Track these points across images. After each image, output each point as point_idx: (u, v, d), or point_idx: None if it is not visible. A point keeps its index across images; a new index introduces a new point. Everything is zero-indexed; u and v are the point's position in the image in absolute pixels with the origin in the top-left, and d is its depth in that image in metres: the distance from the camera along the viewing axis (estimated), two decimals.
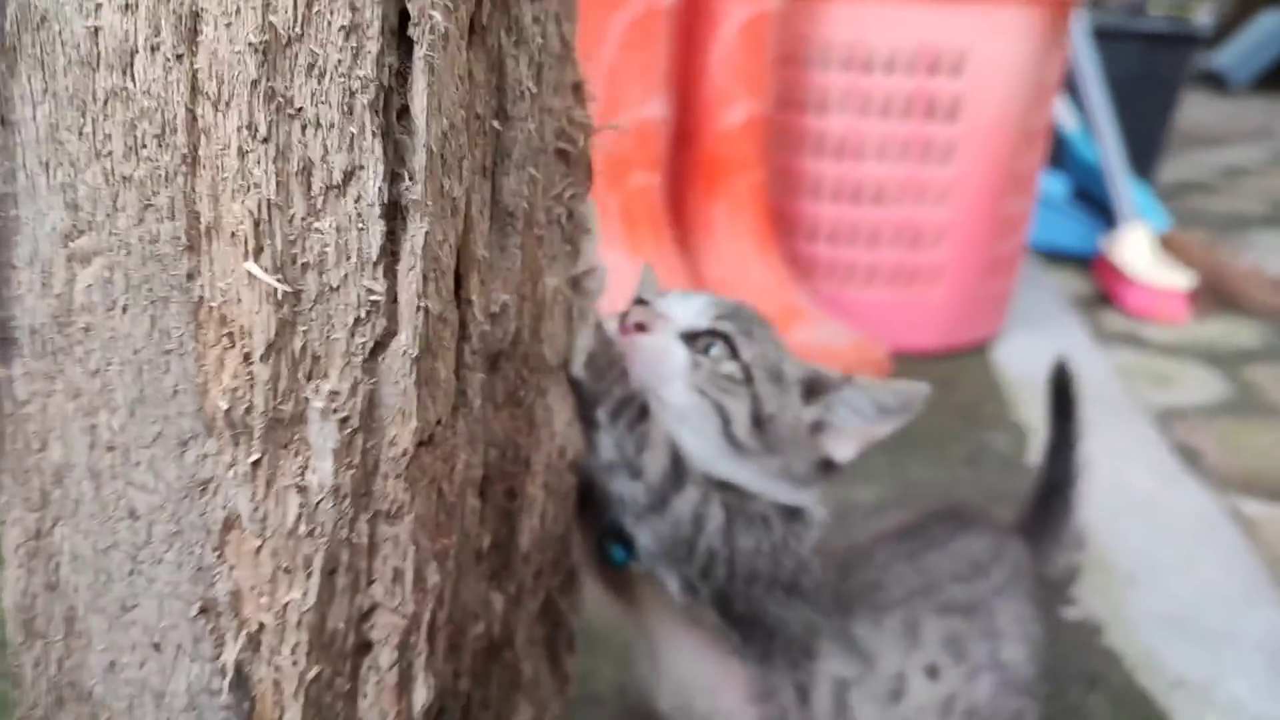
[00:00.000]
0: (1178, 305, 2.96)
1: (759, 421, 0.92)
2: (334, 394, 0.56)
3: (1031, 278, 3.23)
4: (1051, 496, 1.43)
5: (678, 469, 0.87)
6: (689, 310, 0.95)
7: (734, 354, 0.93)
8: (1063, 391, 1.47)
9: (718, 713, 0.98)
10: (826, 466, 0.99)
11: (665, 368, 0.91)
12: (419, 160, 0.56)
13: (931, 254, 2.47)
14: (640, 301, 0.99)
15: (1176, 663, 1.48)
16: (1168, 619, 1.59)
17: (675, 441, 0.88)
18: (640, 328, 0.93)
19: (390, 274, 0.57)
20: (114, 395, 0.55)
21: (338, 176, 0.54)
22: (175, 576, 0.55)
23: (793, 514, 0.94)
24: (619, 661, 1.37)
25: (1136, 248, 3.02)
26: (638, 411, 0.86)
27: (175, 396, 0.54)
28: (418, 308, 0.57)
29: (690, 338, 0.93)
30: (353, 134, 0.53)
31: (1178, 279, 2.97)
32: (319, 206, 0.54)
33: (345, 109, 0.53)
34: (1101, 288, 3.16)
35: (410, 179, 0.56)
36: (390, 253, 0.57)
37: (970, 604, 1.09)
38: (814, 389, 0.96)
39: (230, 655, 0.54)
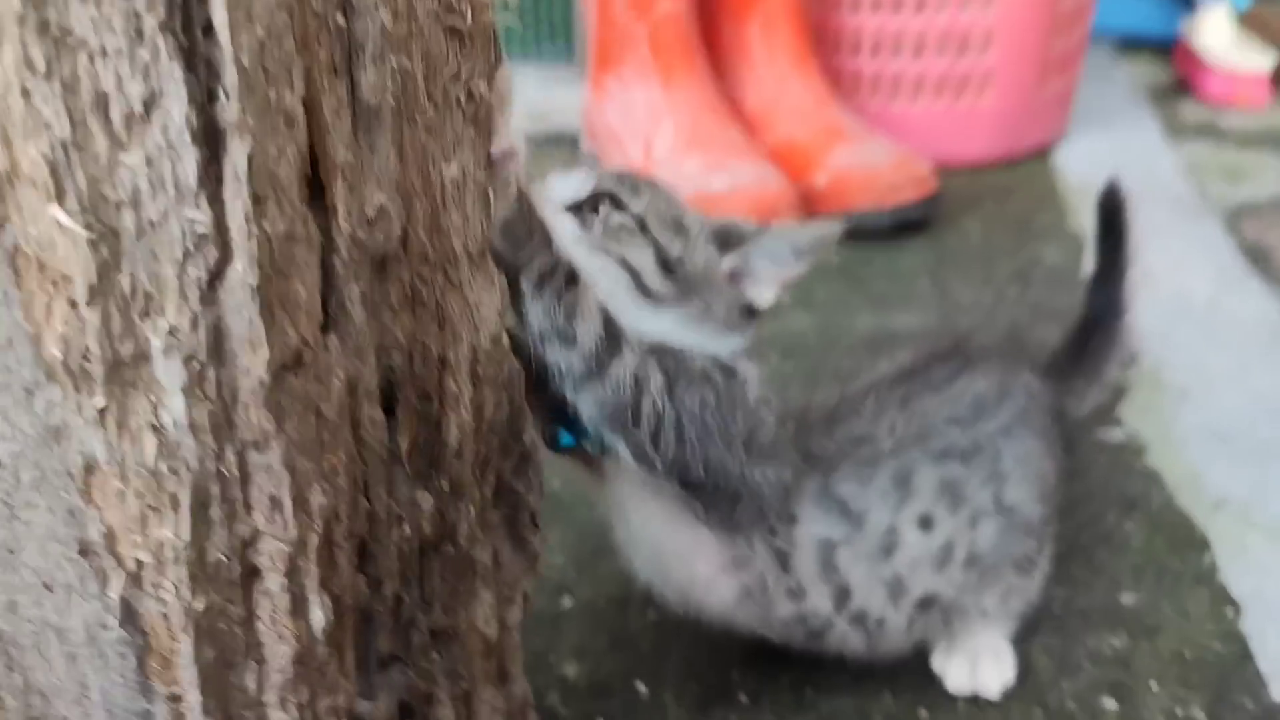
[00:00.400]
0: (1259, 90, 2.78)
1: (667, 266, 0.91)
2: (173, 330, 0.55)
3: (1102, 69, 3.06)
4: (1092, 330, 1.38)
5: (611, 333, 0.85)
6: (568, 186, 0.94)
7: (621, 208, 0.92)
8: (1112, 215, 1.40)
9: (694, 581, 0.99)
10: (749, 312, 0.96)
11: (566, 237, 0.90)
12: (230, 78, 0.53)
13: (980, 60, 2.34)
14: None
15: (1220, 481, 1.44)
16: (1216, 434, 1.54)
17: (605, 306, 0.86)
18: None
19: (216, 201, 0.55)
20: None
21: (137, 107, 0.51)
22: (50, 520, 0.56)
23: (728, 370, 0.92)
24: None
25: (1216, 29, 2.83)
26: (564, 279, 0.84)
27: (12, 346, 0.53)
28: (250, 234, 0.55)
29: (575, 209, 0.92)
30: (146, 60, 0.50)
31: (1260, 60, 2.78)
32: (123, 140, 0.52)
33: (133, 33, 0.50)
34: (1180, 76, 2.98)
35: (225, 98, 0.53)
36: (215, 178, 0.54)
37: (970, 448, 1.06)
38: (727, 240, 0.95)
39: (115, 592, 0.55)
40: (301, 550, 0.61)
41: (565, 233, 0.90)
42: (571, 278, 0.85)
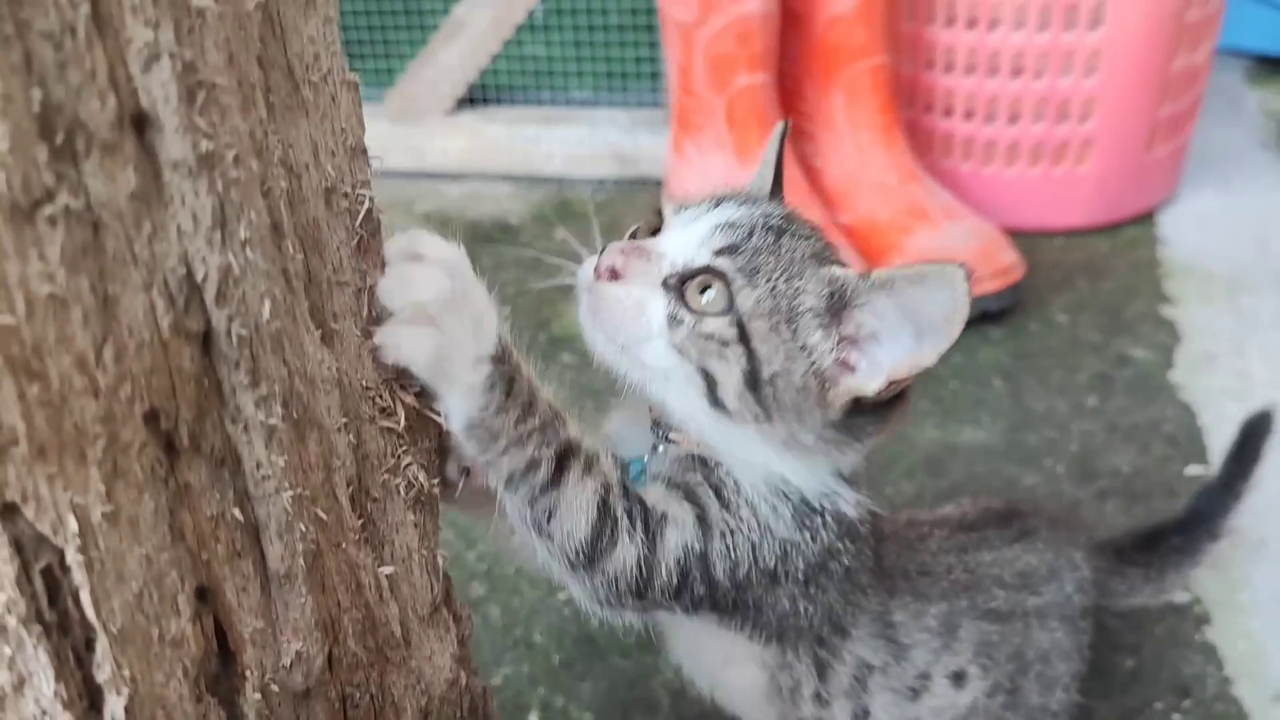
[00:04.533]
0: None
1: (755, 384, 0.80)
2: None
3: (1227, 100, 2.87)
4: (1178, 534, 1.32)
5: (607, 522, 0.78)
6: (690, 239, 0.82)
7: (730, 302, 0.79)
8: (1253, 438, 1.33)
9: (728, 679, 0.99)
10: (849, 424, 0.83)
11: (637, 327, 0.80)
12: (101, 644, 0.54)
13: (1080, 126, 2.22)
14: (633, 235, 0.88)
15: None
16: None
17: (604, 494, 0.78)
18: (614, 274, 0.81)
19: None
20: None
21: (8, 689, 0.53)
22: None
23: (805, 509, 0.85)
24: None
25: None
26: (545, 479, 0.76)
27: None
28: None
29: (682, 280, 0.80)
30: (9, 653, 0.51)
31: None
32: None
33: None
34: None
35: (97, 660, 0.54)
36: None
37: (1008, 612, 1.05)
38: (836, 298, 0.81)
39: None
40: None
41: (650, 319, 0.80)
42: (554, 479, 0.76)
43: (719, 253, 0.81)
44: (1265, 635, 1.41)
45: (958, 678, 1.02)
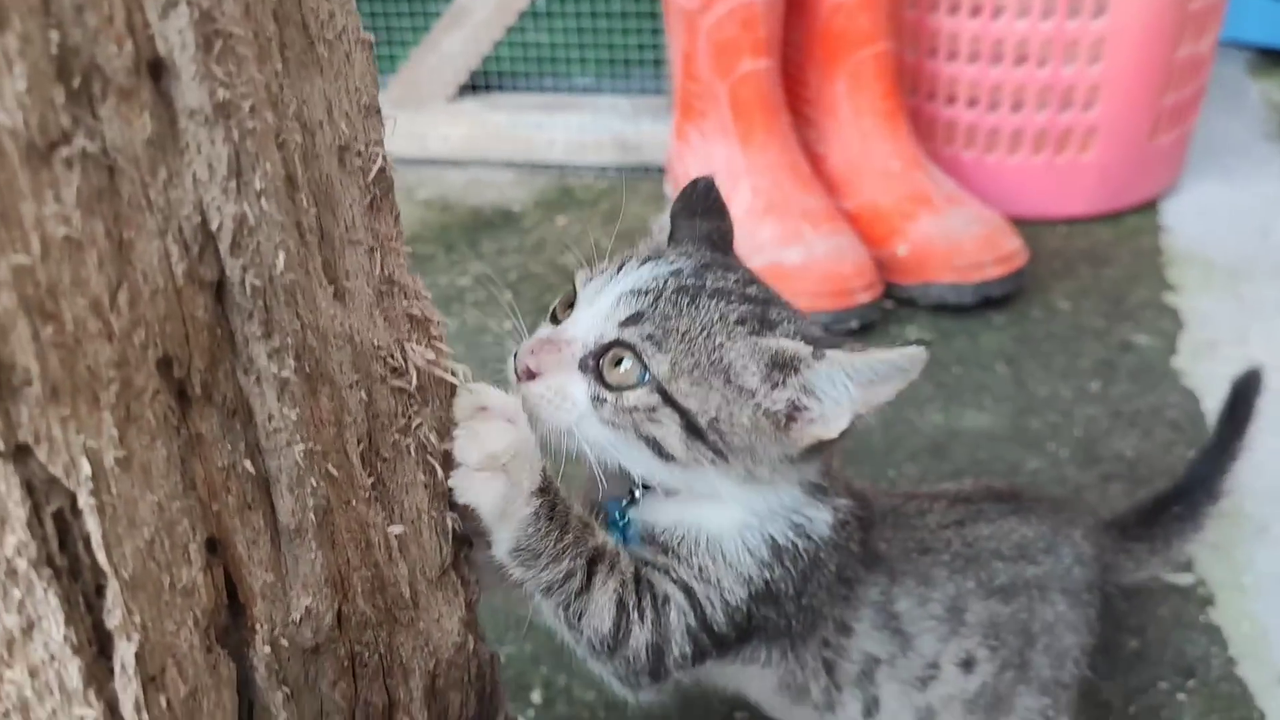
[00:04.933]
0: None
1: (696, 432, 0.82)
2: None
3: (1229, 92, 2.87)
4: (1177, 502, 1.32)
5: (622, 621, 0.83)
6: (597, 315, 0.84)
7: (644, 371, 0.82)
8: (1244, 399, 1.33)
9: (737, 674, 1.01)
10: (813, 451, 0.86)
11: (567, 415, 0.83)
12: (111, 589, 0.54)
13: (1083, 114, 2.22)
14: (553, 312, 0.90)
15: None
16: None
17: (621, 591, 0.84)
18: (530, 374, 0.84)
19: (107, 691, 0.56)
20: None
21: (16, 632, 0.53)
22: None
23: (778, 551, 0.88)
24: None
25: None
26: (577, 587, 0.82)
27: None
28: (141, 718, 0.56)
29: (595, 358, 0.83)
30: (19, 596, 0.51)
31: None
32: (5, 657, 0.53)
33: (8, 573, 0.51)
34: None
35: (107, 606, 0.54)
36: (107, 670, 0.56)
37: (1010, 586, 1.06)
38: (781, 365, 0.83)
39: None
40: None
41: (574, 405, 0.83)
42: (586, 585, 0.82)
43: (625, 323, 0.83)
44: (1269, 617, 1.41)
45: (966, 664, 1.02)
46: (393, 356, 0.70)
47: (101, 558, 0.53)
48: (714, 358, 0.83)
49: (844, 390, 0.83)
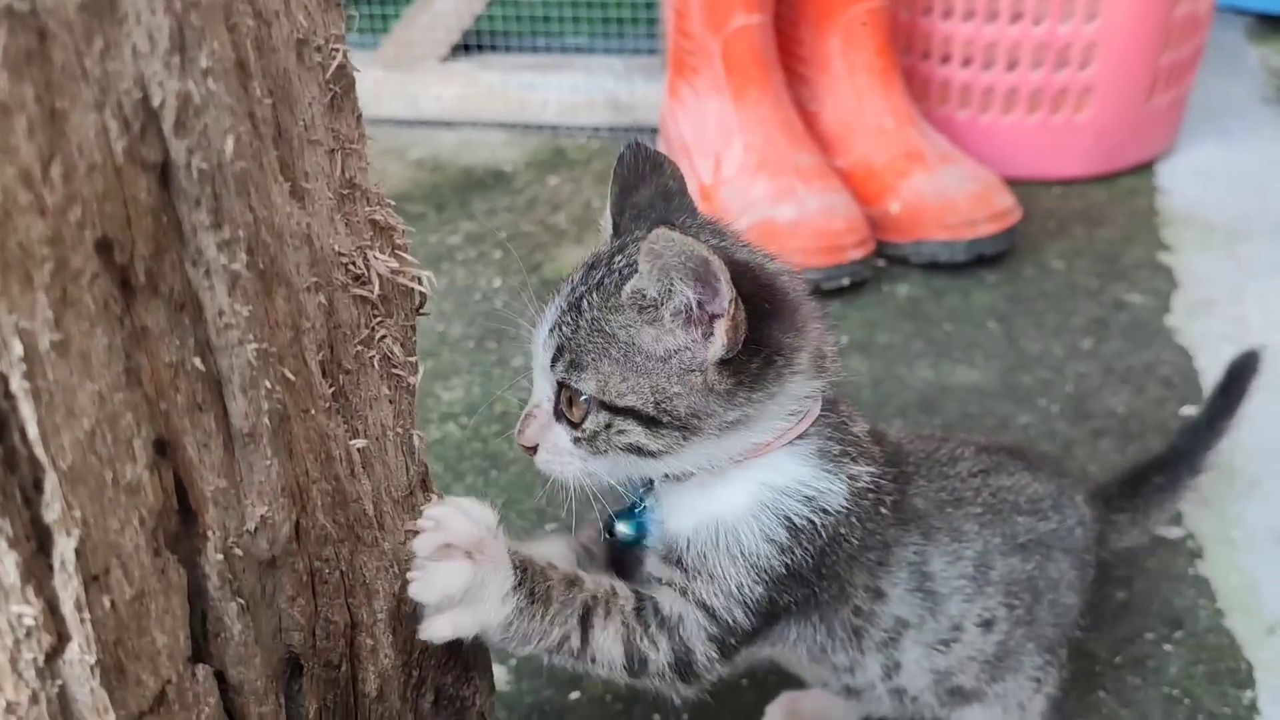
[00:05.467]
0: None
1: (654, 423, 0.83)
2: (13, 705, 0.56)
3: (1227, 57, 2.84)
4: (1161, 471, 1.31)
5: (635, 656, 0.86)
6: (541, 371, 0.87)
7: (583, 396, 0.84)
8: (1239, 377, 1.32)
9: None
10: (757, 375, 0.84)
11: (570, 467, 0.87)
12: (50, 481, 0.51)
13: (1079, 73, 2.19)
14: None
15: (1276, 600, 1.34)
16: None
17: (624, 630, 0.86)
18: (531, 450, 0.88)
19: (47, 590, 0.54)
20: None
21: None
22: None
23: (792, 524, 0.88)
24: None
25: None
26: (577, 645, 0.85)
27: None
28: (83, 618, 0.54)
29: (556, 410, 0.86)
30: None
31: None
32: None
33: None
34: None
35: (46, 499, 0.52)
36: (46, 567, 0.54)
37: (1028, 542, 1.05)
38: (643, 302, 0.83)
39: None
40: None
41: (570, 460, 0.87)
42: (584, 639, 0.85)
43: (553, 365, 0.85)
44: (1258, 570, 1.39)
45: (988, 624, 1.02)
46: (354, 264, 0.68)
47: (38, 447, 0.51)
48: (617, 347, 0.83)
49: (678, 281, 0.80)
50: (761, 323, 0.82)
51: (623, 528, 0.92)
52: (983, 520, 1.02)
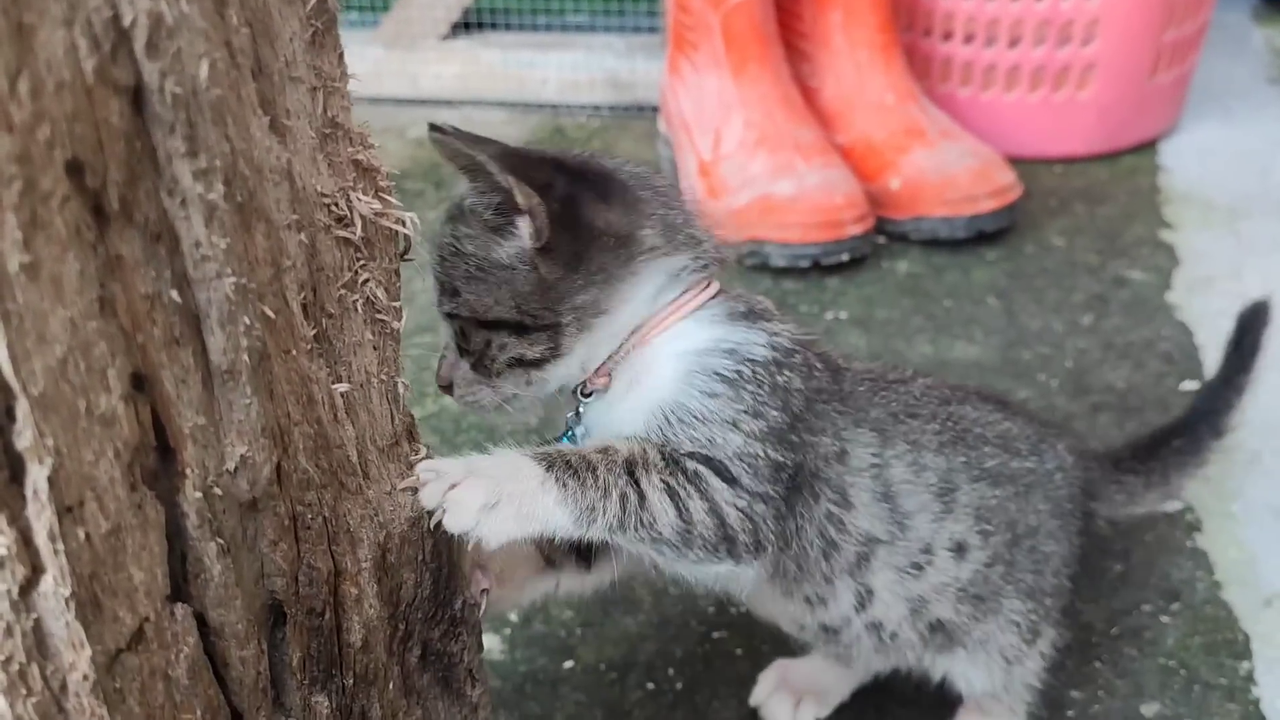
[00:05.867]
0: None
1: (520, 328, 0.86)
2: None
3: (1232, 39, 2.82)
4: (1180, 435, 1.30)
5: (678, 504, 0.85)
6: (438, 308, 0.90)
7: (464, 336, 0.88)
8: (1250, 331, 1.29)
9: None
10: (588, 258, 0.87)
11: (482, 396, 0.90)
12: (21, 408, 0.51)
13: (1082, 50, 2.17)
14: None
15: (1274, 573, 1.33)
16: None
17: (664, 479, 0.85)
18: (447, 389, 0.91)
19: (19, 519, 0.53)
20: None
21: None
22: None
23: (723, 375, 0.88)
24: None
25: None
26: (635, 503, 0.84)
27: None
28: (57, 549, 0.53)
29: (456, 346, 0.89)
30: None
31: None
32: None
33: None
34: None
35: (17, 427, 0.51)
36: (19, 497, 0.53)
37: (999, 473, 1.04)
38: (466, 212, 0.89)
39: None
40: None
41: (480, 387, 0.89)
42: (640, 495, 0.84)
43: (438, 305, 0.89)
44: (1257, 544, 1.38)
45: (959, 549, 1.01)
46: (337, 205, 0.67)
47: (8, 370, 0.50)
48: (471, 262, 0.87)
49: (483, 180, 0.85)
50: (582, 209, 0.85)
51: None
52: (942, 439, 1.01)
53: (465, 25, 2.77)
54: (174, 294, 0.57)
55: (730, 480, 0.86)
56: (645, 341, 0.89)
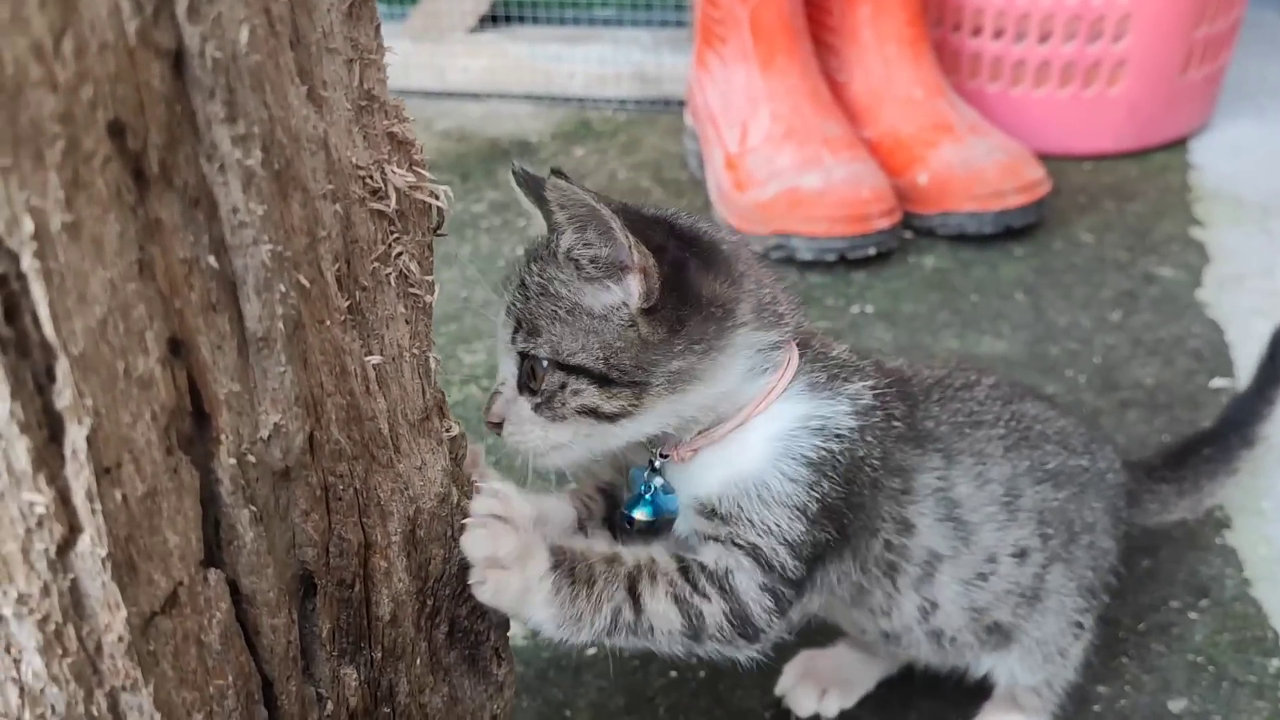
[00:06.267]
0: None
1: (605, 380, 0.83)
2: (23, 598, 0.55)
3: (1266, 38, 2.80)
4: (1212, 443, 1.31)
5: (688, 613, 0.86)
6: (504, 351, 0.88)
7: (534, 372, 0.85)
8: None
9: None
10: (690, 325, 0.85)
11: (534, 438, 0.87)
12: (61, 366, 0.51)
13: (1112, 46, 2.16)
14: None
15: None
16: None
17: (672, 589, 0.86)
18: (497, 428, 0.89)
19: (59, 479, 0.54)
20: None
21: None
22: None
23: (811, 458, 0.87)
24: None
25: None
26: (631, 618, 0.85)
27: None
28: (95, 509, 0.54)
29: (520, 382, 0.87)
30: None
31: None
32: None
33: None
34: None
35: (57, 387, 0.51)
36: (57, 456, 0.53)
37: (1059, 472, 1.04)
38: (572, 259, 0.85)
39: None
40: None
41: (533, 429, 0.86)
42: (637, 609, 0.85)
43: (512, 340, 0.86)
44: None
45: (1021, 555, 1.01)
46: (372, 178, 0.67)
47: (49, 330, 0.50)
48: (563, 305, 0.85)
49: (589, 230, 0.82)
50: (690, 275, 0.84)
51: (640, 514, 0.92)
52: (1007, 443, 1.01)
53: (493, 19, 2.78)
54: (211, 259, 0.57)
55: (761, 564, 0.87)
56: (745, 421, 0.88)
